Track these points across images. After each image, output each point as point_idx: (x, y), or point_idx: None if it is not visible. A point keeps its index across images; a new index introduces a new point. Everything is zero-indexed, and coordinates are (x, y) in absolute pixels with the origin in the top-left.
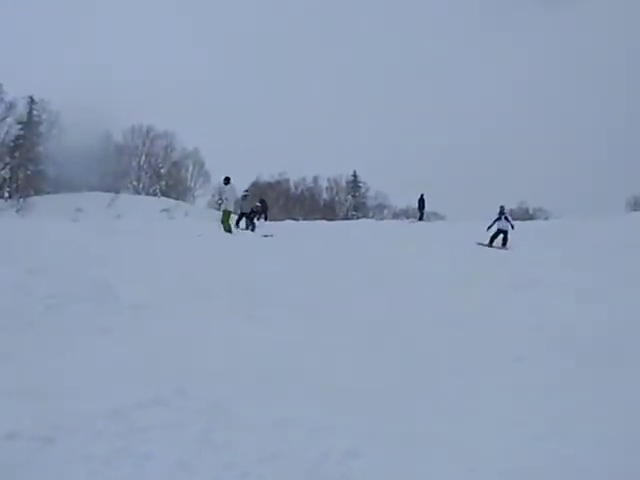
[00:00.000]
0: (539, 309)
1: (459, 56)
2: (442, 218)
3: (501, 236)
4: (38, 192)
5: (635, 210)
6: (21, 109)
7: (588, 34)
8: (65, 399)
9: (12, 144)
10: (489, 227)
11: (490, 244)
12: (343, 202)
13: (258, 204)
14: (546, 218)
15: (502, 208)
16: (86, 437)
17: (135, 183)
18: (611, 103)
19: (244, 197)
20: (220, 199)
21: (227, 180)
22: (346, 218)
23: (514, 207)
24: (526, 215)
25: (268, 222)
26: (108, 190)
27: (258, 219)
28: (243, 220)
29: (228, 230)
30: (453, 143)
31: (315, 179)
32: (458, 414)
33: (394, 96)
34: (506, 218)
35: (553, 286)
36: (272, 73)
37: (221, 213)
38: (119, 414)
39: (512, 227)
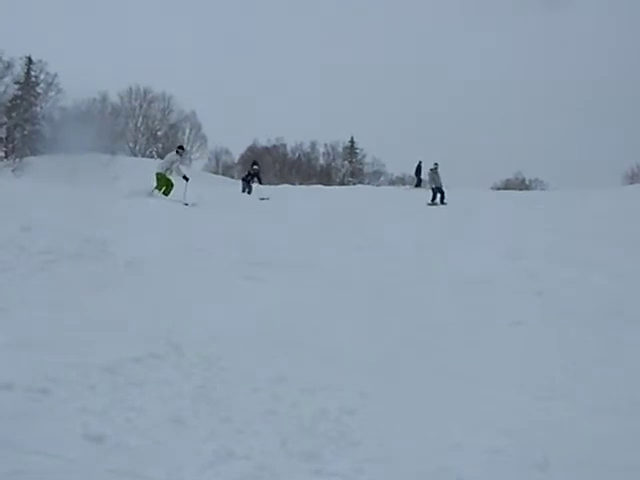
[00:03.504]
0: (538, 276)
1: (458, 25)
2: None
3: None
4: (34, 152)
5: (631, 183)
6: (18, 69)
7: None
8: (61, 352)
9: (9, 104)
10: None
11: None
12: (340, 168)
13: (256, 167)
14: (542, 189)
15: None
16: (81, 389)
17: (132, 145)
18: (608, 76)
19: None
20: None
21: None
22: (342, 184)
23: (510, 177)
24: (522, 186)
25: (261, 186)
26: (105, 152)
27: (253, 182)
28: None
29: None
30: (451, 113)
31: (313, 144)
32: (458, 375)
33: (393, 64)
34: None
35: (552, 255)
36: (270, 36)
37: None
38: (114, 368)
39: None
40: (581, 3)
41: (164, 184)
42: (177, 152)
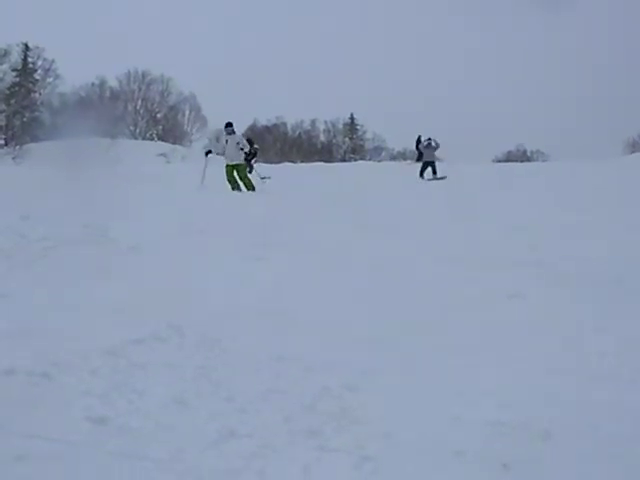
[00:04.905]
0: (538, 248)
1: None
2: (440, 160)
3: None
4: (34, 139)
5: (633, 152)
6: (15, 56)
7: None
8: (63, 337)
9: (7, 91)
10: None
11: None
12: (340, 145)
13: (256, 146)
14: (544, 160)
15: None
16: (83, 373)
17: (132, 128)
18: (610, 45)
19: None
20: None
21: (228, 125)
22: (344, 160)
23: (512, 149)
24: (524, 157)
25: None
26: (105, 136)
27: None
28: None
29: (233, 188)
30: (451, 86)
31: (313, 122)
32: (459, 350)
33: (393, 39)
34: None
35: (552, 227)
36: (268, 14)
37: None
38: (116, 351)
39: None
40: None
41: (232, 170)
42: (227, 132)
